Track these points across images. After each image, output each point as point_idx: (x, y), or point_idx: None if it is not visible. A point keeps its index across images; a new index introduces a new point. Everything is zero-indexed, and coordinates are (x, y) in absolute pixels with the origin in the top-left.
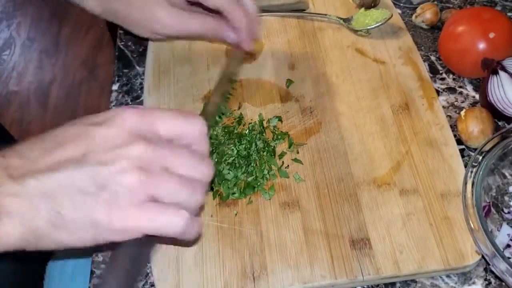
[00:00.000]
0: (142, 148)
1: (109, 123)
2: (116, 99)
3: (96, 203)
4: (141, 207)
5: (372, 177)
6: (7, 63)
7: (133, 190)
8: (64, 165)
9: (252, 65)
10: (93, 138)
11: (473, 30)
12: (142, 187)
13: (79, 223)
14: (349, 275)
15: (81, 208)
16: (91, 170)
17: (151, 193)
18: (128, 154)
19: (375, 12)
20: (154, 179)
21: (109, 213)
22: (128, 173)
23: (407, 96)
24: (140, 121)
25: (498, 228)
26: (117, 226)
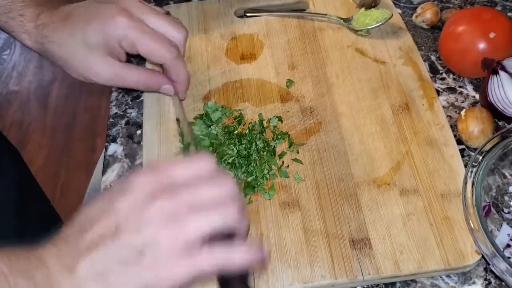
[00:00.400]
0: (163, 204)
1: (128, 192)
2: (116, 99)
3: (141, 269)
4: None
5: (372, 177)
6: (7, 63)
7: (170, 243)
8: (101, 243)
9: (252, 65)
10: (118, 210)
11: (473, 30)
12: (177, 237)
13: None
14: (349, 275)
15: (129, 279)
16: (126, 240)
17: (188, 238)
18: (153, 214)
19: (375, 12)
20: (185, 224)
21: (157, 275)
22: (160, 230)
23: (407, 96)
24: (155, 180)
25: (498, 228)
26: (167, 283)
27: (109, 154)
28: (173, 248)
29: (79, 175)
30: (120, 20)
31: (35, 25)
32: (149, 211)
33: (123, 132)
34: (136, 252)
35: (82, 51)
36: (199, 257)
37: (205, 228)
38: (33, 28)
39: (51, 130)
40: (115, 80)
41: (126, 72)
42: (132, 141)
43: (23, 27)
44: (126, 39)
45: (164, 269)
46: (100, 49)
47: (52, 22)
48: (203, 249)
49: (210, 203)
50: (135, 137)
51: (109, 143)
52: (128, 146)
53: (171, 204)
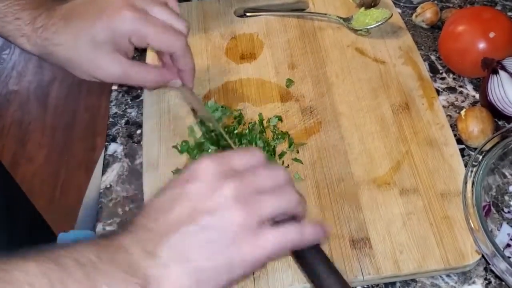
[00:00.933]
0: (232, 185)
1: (195, 178)
2: (116, 98)
3: (223, 247)
4: (261, 233)
5: (372, 176)
6: (7, 63)
7: (245, 222)
8: (179, 226)
9: (252, 65)
10: (190, 196)
11: (473, 30)
12: (251, 216)
13: (216, 271)
14: (349, 274)
15: (212, 256)
16: (203, 222)
17: (260, 218)
18: (225, 196)
19: (375, 12)
20: (256, 205)
21: (239, 251)
22: (233, 210)
23: (407, 95)
24: (218, 165)
25: (498, 228)
26: (249, 259)
27: (109, 154)
28: (250, 226)
29: (79, 174)
30: (127, 14)
31: (33, 28)
32: (220, 193)
33: (123, 132)
34: (214, 231)
35: (89, 51)
36: (275, 234)
37: (275, 208)
38: (31, 31)
39: (51, 129)
40: (123, 78)
41: (135, 70)
42: (132, 140)
43: (21, 30)
44: (136, 33)
45: (246, 247)
46: (108, 46)
47: (52, 24)
48: (277, 227)
49: (273, 188)
50: (135, 136)
51: (109, 143)
52: (128, 146)
53: (240, 186)
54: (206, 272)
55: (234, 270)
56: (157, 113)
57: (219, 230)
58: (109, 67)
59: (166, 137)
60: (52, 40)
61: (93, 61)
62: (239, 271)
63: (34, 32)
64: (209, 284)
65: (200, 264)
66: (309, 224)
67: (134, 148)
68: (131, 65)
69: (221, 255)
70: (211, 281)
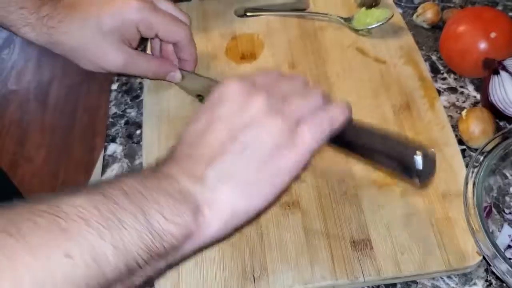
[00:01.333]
0: (260, 98)
1: (223, 100)
2: (116, 98)
3: (266, 157)
4: (298, 134)
5: (373, 177)
6: (6, 62)
7: (282, 127)
8: (220, 147)
9: (253, 65)
10: (223, 117)
11: (475, 30)
12: (286, 120)
13: (265, 183)
14: (350, 276)
15: (258, 169)
16: (242, 138)
17: (294, 120)
18: (257, 108)
19: (376, 12)
20: (287, 109)
21: (283, 157)
22: (269, 119)
23: (408, 96)
24: (241, 84)
25: (499, 229)
26: (293, 163)
27: (109, 154)
28: (287, 130)
29: (79, 174)
30: (135, 4)
31: (38, 16)
32: (251, 106)
33: (122, 132)
34: (255, 144)
35: (95, 39)
36: (311, 129)
37: (305, 107)
38: (36, 20)
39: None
40: (126, 67)
41: (139, 59)
42: (132, 141)
43: (25, 20)
44: (144, 22)
45: (288, 151)
46: (114, 35)
47: (58, 13)
48: (310, 121)
49: (298, 91)
50: (134, 137)
51: (109, 143)
52: (127, 146)
53: (268, 96)
54: (255, 185)
55: (282, 178)
56: (157, 114)
57: (259, 142)
58: (114, 56)
59: (166, 138)
60: (58, 29)
61: (99, 50)
62: (286, 177)
63: (39, 21)
64: (260, 197)
65: (248, 179)
66: (334, 106)
67: (133, 148)
68: (135, 54)
69: (266, 166)
70: (261, 193)
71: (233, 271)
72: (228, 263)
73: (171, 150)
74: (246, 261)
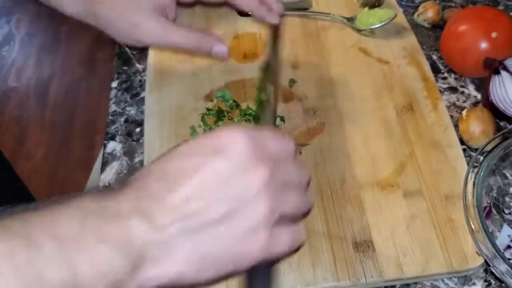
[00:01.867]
0: (265, 172)
1: (224, 154)
2: (116, 96)
3: (239, 235)
4: (276, 230)
5: (376, 178)
6: (6, 59)
7: (269, 214)
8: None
9: (255, 64)
10: (215, 172)
11: (475, 30)
12: (275, 208)
13: (222, 260)
14: (352, 277)
15: (224, 243)
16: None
17: (281, 213)
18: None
19: (379, 12)
20: (282, 198)
21: (251, 244)
22: (261, 198)
23: (411, 96)
24: (252, 145)
25: (499, 229)
26: (257, 254)
27: (108, 152)
28: (270, 219)
29: (78, 172)
30: None
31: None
32: (251, 177)
33: (122, 130)
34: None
35: (131, 8)
36: (288, 234)
37: (295, 207)
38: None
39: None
40: (163, 39)
41: (176, 30)
42: (131, 139)
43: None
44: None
45: (257, 240)
46: (149, 4)
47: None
48: (290, 227)
49: (298, 185)
50: (134, 135)
51: (108, 141)
52: (127, 144)
53: (272, 174)
54: (213, 261)
55: (239, 263)
56: (159, 113)
57: (240, 217)
58: (149, 26)
59: (167, 137)
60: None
61: (134, 19)
62: (244, 264)
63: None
64: (209, 272)
65: (209, 250)
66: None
67: (133, 146)
68: (172, 24)
69: (233, 244)
70: (213, 269)
71: None
72: None
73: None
74: None
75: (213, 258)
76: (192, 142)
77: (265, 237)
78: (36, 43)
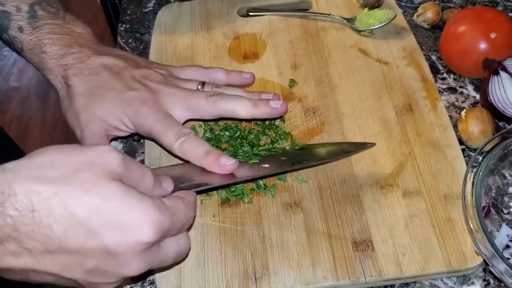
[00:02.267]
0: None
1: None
2: None
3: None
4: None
5: (375, 178)
6: (8, 59)
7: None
8: None
9: (255, 65)
10: None
11: (475, 30)
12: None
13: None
14: (351, 277)
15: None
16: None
17: None
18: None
19: (378, 12)
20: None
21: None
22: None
23: (410, 97)
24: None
25: (498, 229)
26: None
27: None
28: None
29: None
30: (142, 110)
31: (57, 63)
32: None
33: None
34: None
35: (85, 113)
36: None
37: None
38: (55, 65)
39: (51, 126)
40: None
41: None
42: (132, 138)
43: (45, 63)
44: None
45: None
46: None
47: (77, 71)
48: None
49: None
50: (135, 134)
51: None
52: (128, 144)
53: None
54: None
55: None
56: None
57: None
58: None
59: None
60: (72, 82)
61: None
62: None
63: (57, 67)
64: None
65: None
66: None
67: (134, 146)
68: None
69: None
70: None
71: (235, 271)
72: (229, 263)
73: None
74: (248, 261)
75: None
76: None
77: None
78: None
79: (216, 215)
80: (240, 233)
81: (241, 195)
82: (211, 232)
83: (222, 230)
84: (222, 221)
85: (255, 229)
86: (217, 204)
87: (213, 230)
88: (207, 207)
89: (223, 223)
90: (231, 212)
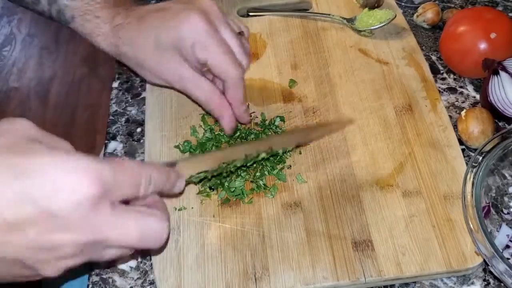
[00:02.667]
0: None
1: None
2: (117, 96)
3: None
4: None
5: (375, 178)
6: (8, 59)
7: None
8: None
9: (255, 65)
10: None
11: (474, 30)
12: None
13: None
14: (351, 277)
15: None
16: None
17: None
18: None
19: (378, 13)
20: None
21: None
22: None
23: (410, 97)
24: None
25: (498, 229)
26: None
27: (109, 152)
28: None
29: None
30: (197, 22)
31: (111, 27)
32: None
33: (123, 130)
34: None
35: (154, 52)
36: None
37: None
38: (109, 30)
39: (51, 126)
40: (183, 86)
41: (194, 80)
42: (132, 138)
43: (99, 29)
44: (199, 43)
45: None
46: (172, 50)
47: (127, 23)
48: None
49: None
50: (135, 134)
51: (109, 141)
52: (128, 144)
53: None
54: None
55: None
56: (160, 113)
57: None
58: (170, 71)
59: (168, 137)
60: (124, 40)
61: (157, 64)
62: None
63: (111, 31)
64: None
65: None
66: None
67: (134, 146)
68: (194, 75)
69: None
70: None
71: (235, 271)
72: (229, 263)
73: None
74: (248, 261)
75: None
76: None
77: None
78: (37, 43)
79: (216, 215)
80: (240, 233)
81: (241, 195)
82: (211, 232)
83: (222, 230)
84: (222, 221)
85: (255, 229)
86: (217, 204)
87: (213, 230)
88: (207, 207)
89: (223, 223)
90: (231, 212)
